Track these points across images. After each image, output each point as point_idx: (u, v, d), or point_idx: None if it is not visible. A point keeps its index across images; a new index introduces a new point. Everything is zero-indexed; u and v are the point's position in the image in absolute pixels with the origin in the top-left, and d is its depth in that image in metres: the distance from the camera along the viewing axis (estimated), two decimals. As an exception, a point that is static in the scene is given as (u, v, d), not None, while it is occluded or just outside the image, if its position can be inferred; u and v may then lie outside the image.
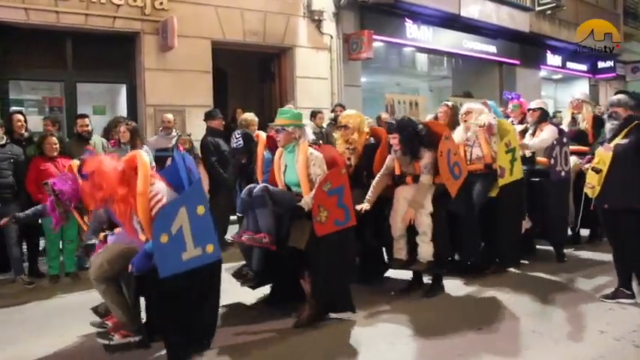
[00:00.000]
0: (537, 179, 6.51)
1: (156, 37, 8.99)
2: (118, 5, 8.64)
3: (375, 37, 11.33)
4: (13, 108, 8.71)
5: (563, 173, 6.45)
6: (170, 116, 7.93)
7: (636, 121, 4.76)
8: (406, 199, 5.27)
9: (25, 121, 6.78)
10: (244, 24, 10.00)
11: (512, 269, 6.31)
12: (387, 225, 5.35)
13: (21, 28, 8.17)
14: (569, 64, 18.06)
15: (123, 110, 9.43)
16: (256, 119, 7.87)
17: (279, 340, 4.48)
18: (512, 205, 6.03)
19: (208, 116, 7.90)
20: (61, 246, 6.43)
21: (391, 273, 6.05)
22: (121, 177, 3.73)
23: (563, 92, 18.78)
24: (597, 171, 4.84)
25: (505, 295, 5.44)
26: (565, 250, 6.82)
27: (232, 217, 7.51)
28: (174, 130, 7.79)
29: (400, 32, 12.45)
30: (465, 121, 6.05)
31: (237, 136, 5.31)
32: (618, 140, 4.77)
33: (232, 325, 4.77)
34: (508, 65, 15.47)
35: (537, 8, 15.51)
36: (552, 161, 6.33)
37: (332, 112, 9.55)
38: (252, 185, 4.78)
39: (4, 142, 6.25)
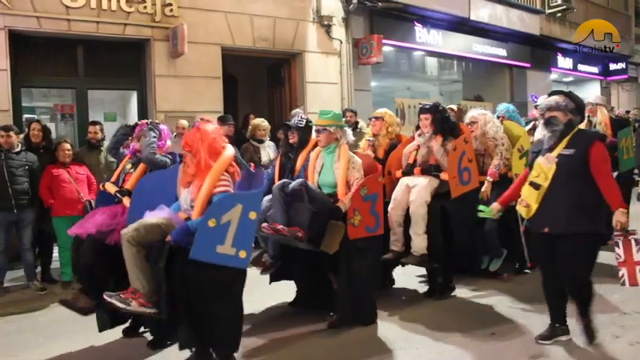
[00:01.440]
0: None
1: (166, 43, 9.03)
2: (129, 12, 8.69)
3: (384, 41, 11.30)
4: (26, 116, 8.81)
5: None
6: (185, 122, 8.01)
7: (577, 127, 4.11)
8: (408, 186, 5.32)
9: (43, 129, 6.82)
10: (254, 30, 10.02)
11: (521, 274, 6.29)
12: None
13: (33, 36, 8.25)
14: (580, 67, 17.95)
15: (134, 117, 9.48)
16: (265, 124, 7.91)
17: (288, 344, 4.50)
18: None
19: (219, 122, 7.92)
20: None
21: (401, 279, 6.04)
22: (216, 147, 3.97)
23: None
24: (537, 186, 4.02)
25: (518, 300, 5.40)
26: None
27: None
28: None
29: (410, 36, 12.43)
30: (472, 131, 5.95)
31: (303, 117, 5.41)
32: (561, 150, 4.00)
33: (252, 329, 4.80)
34: (518, 68, 15.40)
35: (548, 11, 15.44)
36: None
37: (342, 116, 9.53)
38: (286, 180, 4.80)
39: (19, 149, 6.31)
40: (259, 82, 12.07)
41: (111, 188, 4.70)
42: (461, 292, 5.68)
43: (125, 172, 4.79)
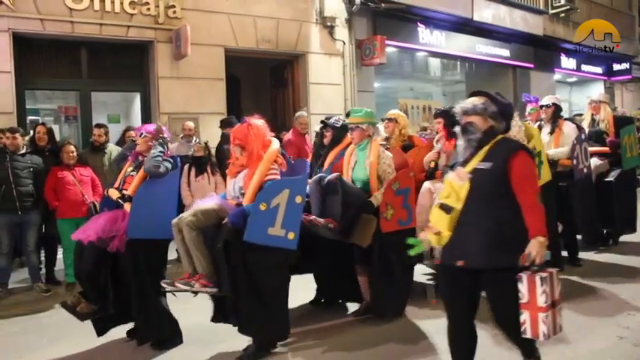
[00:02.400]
0: (564, 184, 6.39)
1: (169, 45, 9.05)
2: (132, 14, 8.71)
3: (387, 42, 11.31)
4: (30, 118, 8.83)
5: (585, 170, 6.43)
6: (191, 124, 8.03)
7: (500, 135, 3.27)
8: (430, 191, 5.43)
9: (48, 132, 6.83)
10: (257, 31, 10.04)
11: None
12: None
13: (37, 39, 8.28)
14: (584, 67, 17.92)
15: (137, 118, 9.50)
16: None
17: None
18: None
19: (226, 124, 7.93)
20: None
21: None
22: (265, 140, 4.38)
23: (578, 95, 18.65)
24: (447, 209, 3.21)
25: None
26: (582, 254, 6.77)
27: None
28: (194, 137, 7.82)
29: (413, 37, 12.43)
30: None
31: (340, 119, 5.61)
32: (476, 163, 3.19)
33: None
34: (522, 69, 15.37)
35: (551, 11, 15.41)
36: (574, 161, 6.29)
37: (347, 117, 9.52)
38: (322, 174, 4.92)
39: (24, 151, 6.33)
40: (262, 83, 12.08)
41: (114, 194, 4.72)
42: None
43: (126, 175, 4.77)
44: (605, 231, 7.52)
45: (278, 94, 11.53)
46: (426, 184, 5.53)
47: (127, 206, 4.48)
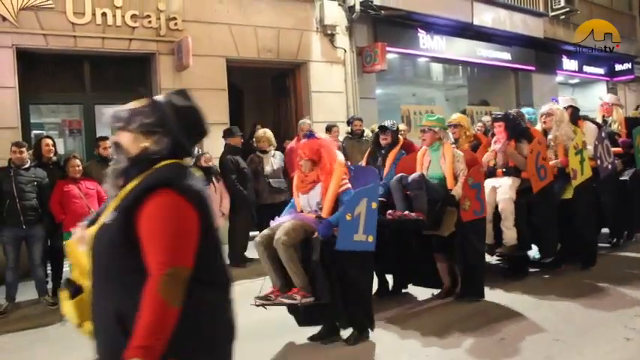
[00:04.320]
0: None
1: (171, 57, 9.09)
2: (134, 28, 8.78)
3: (388, 48, 11.32)
4: (35, 132, 8.89)
5: (609, 167, 6.54)
6: None
7: (164, 162, 1.99)
8: (494, 187, 6.01)
9: (54, 145, 6.88)
10: (258, 41, 10.09)
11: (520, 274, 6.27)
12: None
13: (40, 54, 8.35)
14: (586, 68, 17.87)
15: (141, 130, 9.53)
16: (266, 135, 7.98)
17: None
18: (587, 203, 6.33)
19: (228, 134, 7.95)
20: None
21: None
22: (333, 154, 4.80)
23: (581, 96, 18.62)
24: (72, 290, 2.19)
25: (529, 301, 5.40)
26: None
27: (252, 233, 7.52)
28: (197, 148, 7.82)
29: (414, 43, 12.44)
30: (545, 122, 6.51)
31: (394, 122, 6.23)
32: (105, 216, 1.96)
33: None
34: (524, 72, 15.35)
35: (551, 13, 15.37)
36: (598, 162, 6.40)
37: (348, 124, 9.57)
38: (403, 174, 5.50)
39: (28, 165, 6.36)
40: (264, 92, 12.12)
41: None
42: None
43: None
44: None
45: (280, 103, 11.56)
46: (490, 181, 6.07)
47: None
